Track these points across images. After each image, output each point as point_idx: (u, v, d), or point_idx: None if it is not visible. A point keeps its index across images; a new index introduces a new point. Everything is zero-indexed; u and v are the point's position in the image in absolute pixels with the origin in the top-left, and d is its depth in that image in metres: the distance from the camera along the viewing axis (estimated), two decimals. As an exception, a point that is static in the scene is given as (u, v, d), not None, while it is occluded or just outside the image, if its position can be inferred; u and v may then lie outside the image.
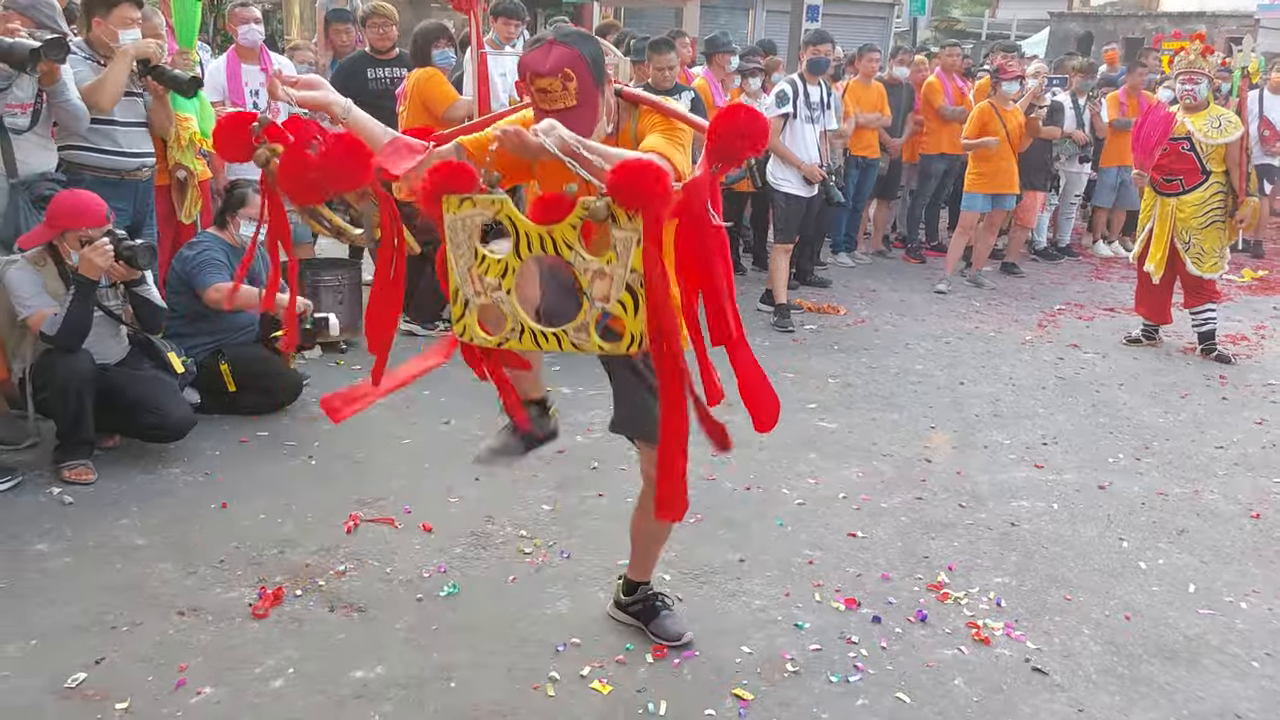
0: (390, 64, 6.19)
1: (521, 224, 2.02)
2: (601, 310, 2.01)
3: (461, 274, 2.10)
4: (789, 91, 6.46)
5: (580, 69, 2.19)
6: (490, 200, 2.04)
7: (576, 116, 2.19)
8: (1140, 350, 6.44)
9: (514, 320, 2.10)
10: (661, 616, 2.96)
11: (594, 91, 2.23)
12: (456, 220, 2.06)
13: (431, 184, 2.07)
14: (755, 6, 21.88)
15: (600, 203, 1.93)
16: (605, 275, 1.98)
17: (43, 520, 3.52)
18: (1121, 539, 3.77)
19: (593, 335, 2.04)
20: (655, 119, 2.39)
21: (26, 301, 3.78)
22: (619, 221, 1.93)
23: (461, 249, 2.08)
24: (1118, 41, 19.06)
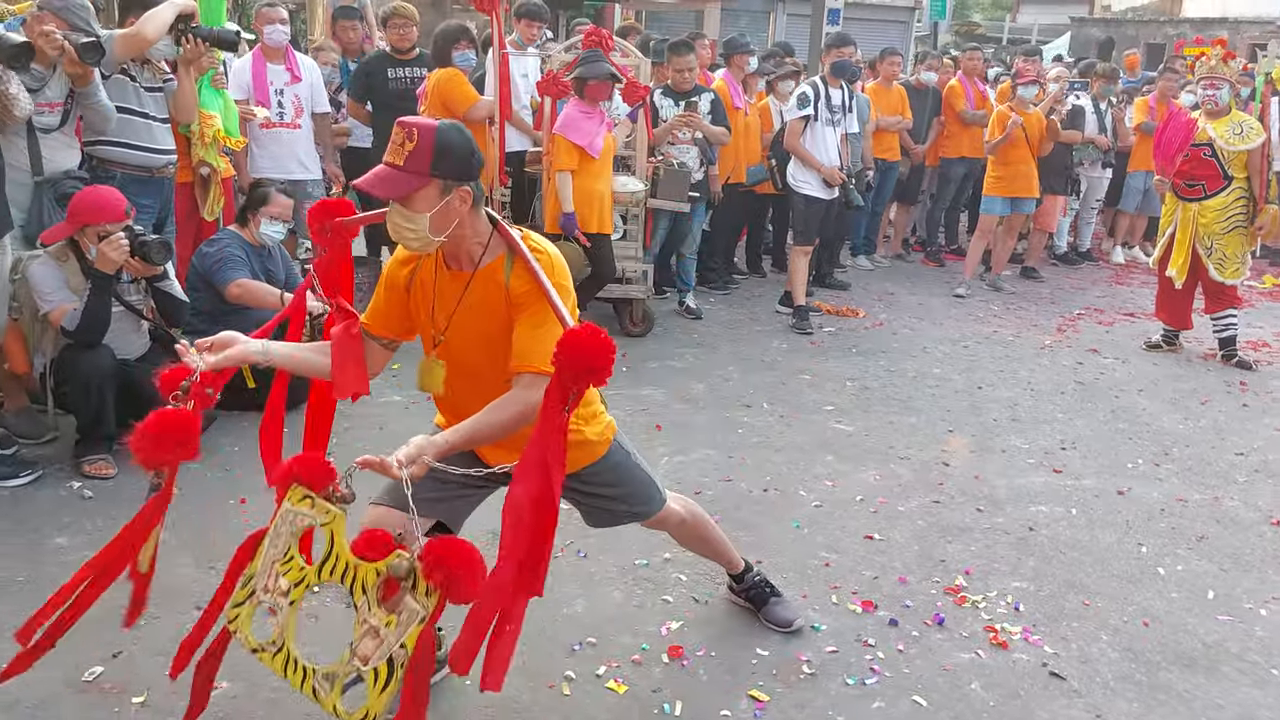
0: (410, 64, 6.21)
1: (338, 547, 2.01)
2: (356, 670, 1.95)
3: (265, 564, 2.09)
4: (810, 94, 6.44)
5: (425, 139, 2.11)
6: (327, 509, 2.05)
7: (393, 177, 2.14)
8: (1160, 356, 6.39)
9: (279, 634, 2.06)
10: (771, 604, 3.07)
11: (422, 171, 2.12)
12: (290, 512, 2.08)
13: (289, 470, 2.12)
14: (776, 9, 21.87)
15: (404, 562, 1.90)
16: (378, 637, 1.91)
17: (62, 514, 3.55)
18: (1140, 545, 3.75)
19: (335, 691, 1.97)
20: (531, 295, 2.21)
21: (48, 296, 3.81)
22: (416, 590, 1.89)
23: (280, 539, 2.08)
24: (1139, 47, 18.95)
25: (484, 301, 2.29)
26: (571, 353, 1.94)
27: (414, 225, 2.18)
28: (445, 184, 2.16)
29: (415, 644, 1.88)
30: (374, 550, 1.96)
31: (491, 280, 2.28)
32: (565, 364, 1.95)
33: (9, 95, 3.57)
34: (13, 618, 2.89)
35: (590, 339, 1.94)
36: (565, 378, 1.95)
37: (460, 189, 2.18)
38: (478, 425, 2.19)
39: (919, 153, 8.46)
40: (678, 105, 6.41)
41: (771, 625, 3.04)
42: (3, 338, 3.94)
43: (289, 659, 2.03)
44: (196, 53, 4.53)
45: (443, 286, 2.35)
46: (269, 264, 4.70)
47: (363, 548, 1.97)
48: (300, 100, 5.68)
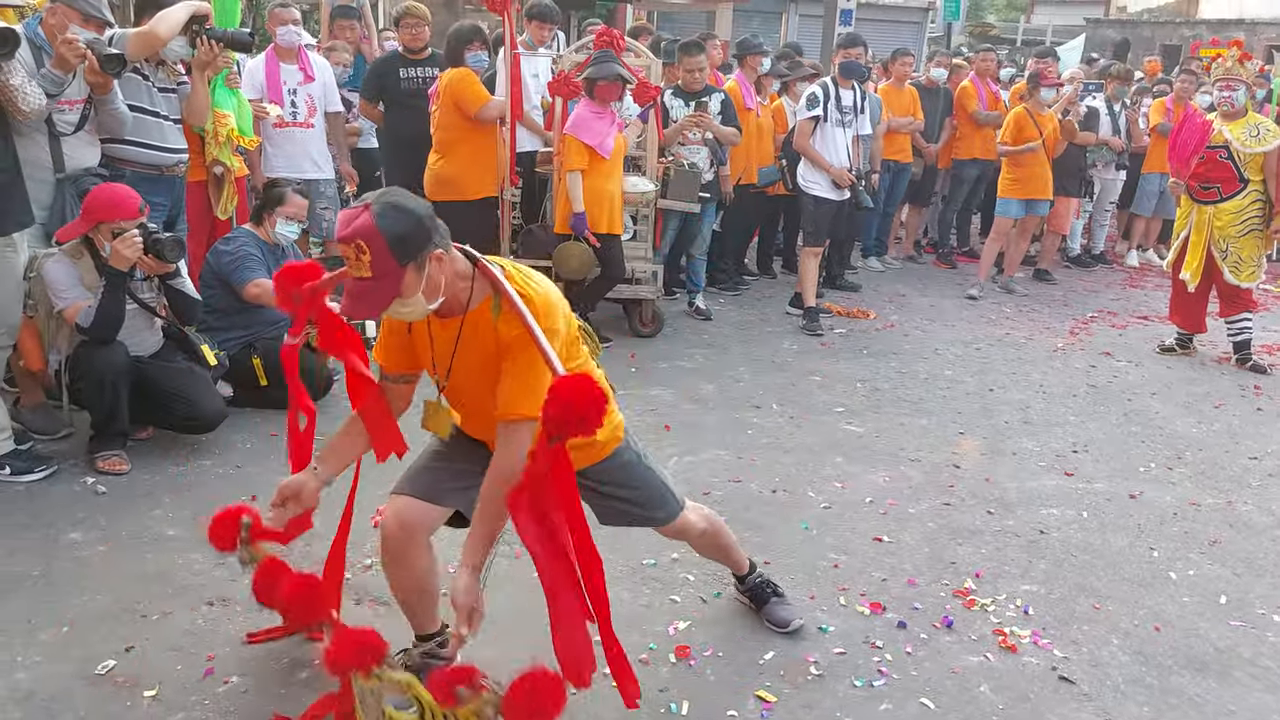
0: (423, 64, 6.24)
1: (427, 702, 2.12)
2: None
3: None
4: (820, 95, 6.44)
5: (375, 243, 2.05)
6: (396, 679, 2.16)
7: (371, 289, 2.11)
8: (1174, 359, 6.36)
9: None
10: (772, 603, 3.08)
11: (394, 268, 2.08)
12: (366, 690, 2.18)
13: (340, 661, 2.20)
14: (788, 10, 21.86)
15: (490, 710, 2.04)
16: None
17: (77, 509, 3.58)
18: (1152, 549, 3.73)
19: None
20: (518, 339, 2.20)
21: (62, 293, 3.84)
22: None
23: (370, 712, 2.21)
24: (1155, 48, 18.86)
25: (477, 342, 2.30)
26: (562, 403, 1.95)
27: (411, 307, 2.18)
28: (418, 263, 2.13)
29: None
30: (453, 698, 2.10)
31: (481, 321, 2.27)
32: (555, 413, 1.96)
33: (11, 87, 3.59)
34: (28, 613, 2.93)
35: (580, 389, 1.95)
36: (551, 428, 1.98)
37: (431, 254, 2.14)
38: (484, 513, 2.28)
39: (931, 153, 8.44)
40: (688, 106, 6.41)
41: (771, 624, 3.04)
42: (18, 335, 3.97)
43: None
44: (211, 55, 4.55)
45: (436, 333, 2.36)
46: (283, 262, 4.71)
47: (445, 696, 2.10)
48: (313, 100, 5.71)
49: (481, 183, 5.89)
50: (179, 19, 4.33)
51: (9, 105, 3.64)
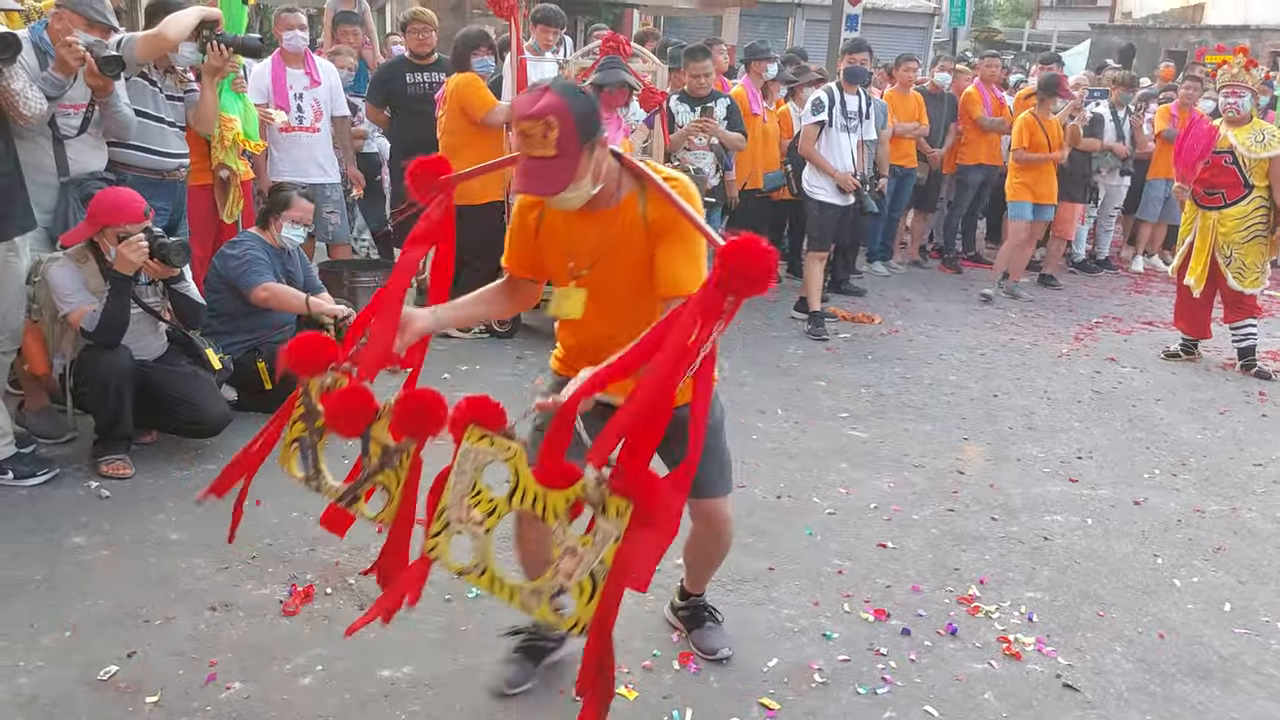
0: (429, 69, 6.25)
1: (524, 477, 2.07)
2: (560, 585, 2.03)
3: (454, 498, 2.15)
4: (825, 100, 6.44)
5: (565, 120, 2.13)
6: (506, 446, 2.11)
7: (553, 167, 2.17)
8: (1179, 365, 6.35)
9: (480, 560, 2.14)
10: (705, 629, 2.97)
11: (576, 147, 2.16)
12: (471, 450, 2.13)
13: (464, 412, 2.14)
14: (794, 15, 21.86)
15: (597, 491, 1.97)
16: (576, 555, 2.00)
17: (80, 514, 3.58)
18: (1156, 556, 3.72)
19: (544, 605, 2.07)
20: (667, 218, 2.27)
21: (67, 298, 3.84)
22: (607, 512, 1.96)
23: (465, 475, 2.15)
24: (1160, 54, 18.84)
25: (624, 236, 2.33)
26: (737, 257, 1.92)
27: (579, 192, 2.24)
28: (591, 145, 2.21)
29: (613, 560, 1.97)
30: (559, 480, 2.01)
31: (628, 214, 2.33)
32: (730, 269, 1.93)
33: (12, 91, 3.60)
34: (31, 617, 2.93)
35: (756, 246, 1.93)
36: (728, 282, 1.94)
37: (600, 140, 2.23)
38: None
39: (936, 158, 8.43)
40: (694, 111, 6.41)
41: (699, 650, 2.93)
42: (22, 339, 3.97)
43: (494, 579, 2.12)
44: (222, 60, 4.56)
45: (576, 228, 2.37)
46: (289, 266, 4.73)
47: (548, 478, 2.02)
48: (319, 104, 5.73)
49: (487, 187, 5.90)
50: (188, 22, 4.34)
51: (10, 110, 3.65)
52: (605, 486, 1.96)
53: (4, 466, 3.75)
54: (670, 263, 2.28)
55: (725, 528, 2.80)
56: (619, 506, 1.95)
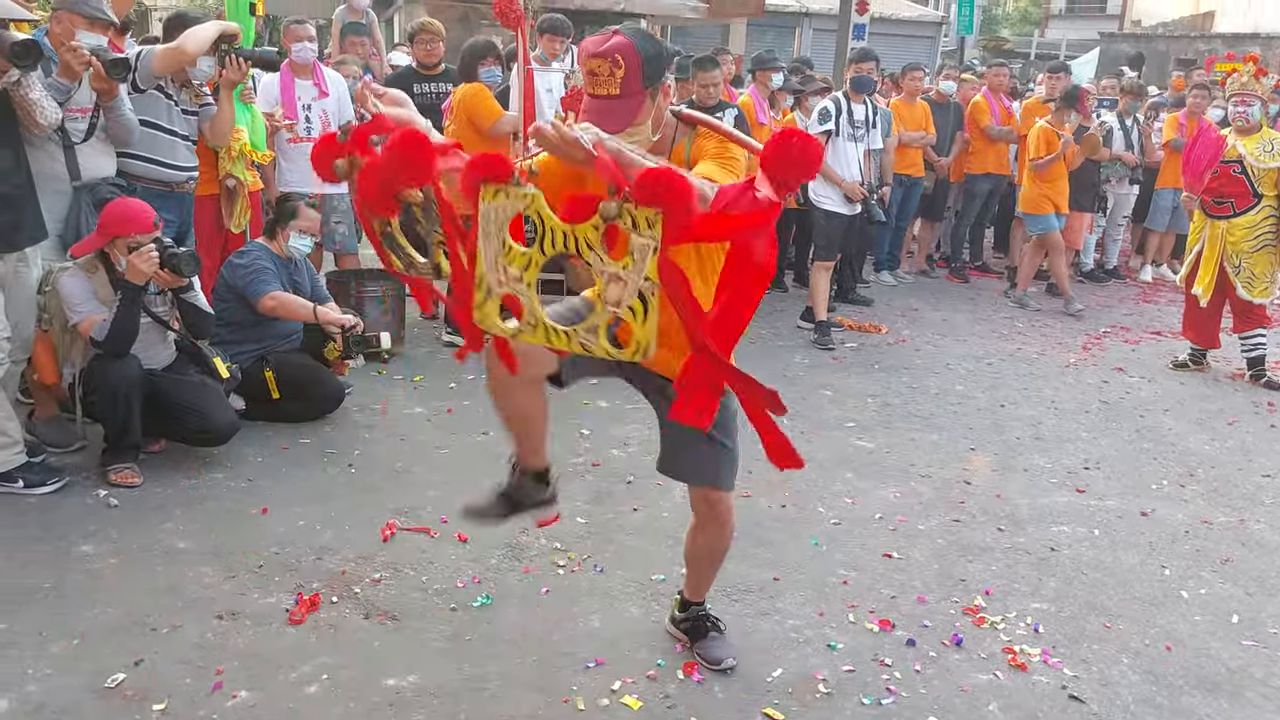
0: (436, 79, 6.28)
1: (549, 220, 2.02)
2: (614, 315, 2.00)
3: (489, 262, 2.11)
4: (831, 109, 6.46)
5: (631, 60, 2.20)
6: (523, 193, 2.05)
7: (616, 107, 2.23)
8: (1187, 375, 6.33)
9: (530, 314, 2.10)
10: (709, 639, 2.96)
11: (639, 89, 2.23)
12: (490, 209, 2.08)
13: (471, 172, 2.09)
14: (801, 25, 21.90)
15: (613, 203, 1.92)
16: (620, 280, 1.97)
17: (89, 522, 3.60)
18: (1163, 567, 3.71)
19: (601, 338, 2.03)
20: (710, 143, 2.38)
21: (77, 307, 3.87)
22: (639, 227, 1.92)
23: (491, 238, 2.10)
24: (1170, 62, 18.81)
25: None
26: (781, 145, 1.93)
27: (638, 136, 2.27)
28: (653, 90, 2.27)
29: (659, 272, 1.93)
30: (583, 211, 1.97)
31: (678, 159, 2.35)
32: (775, 155, 1.94)
33: (30, 101, 3.62)
34: (40, 625, 2.94)
35: (800, 138, 1.94)
36: (773, 168, 1.94)
37: (662, 87, 2.29)
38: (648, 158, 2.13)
39: (943, 166, 8.43)
40: (701, 120, 6.42)
41: (704, 660, 2.92)
42: (33, 348, 4.00)
43: (547, 329, 2.08)
44: (240, 74, 4.60)
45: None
46: (296, 276, 4.75)
47: (571, 212, 1.98)
48: (327, 115, 5.75)
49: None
50: (207, 36, 4.38)
51: (26, 119, 3.68)
52: (629, 202, 1.91)
53: (14, 475, 3.77)
54: (704, 168, 2.29)
55: (729, 516, 2.80)
56: (648, 217, 1.91)
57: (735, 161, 2.34)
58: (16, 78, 3.52)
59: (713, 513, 2.79)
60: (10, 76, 3.50)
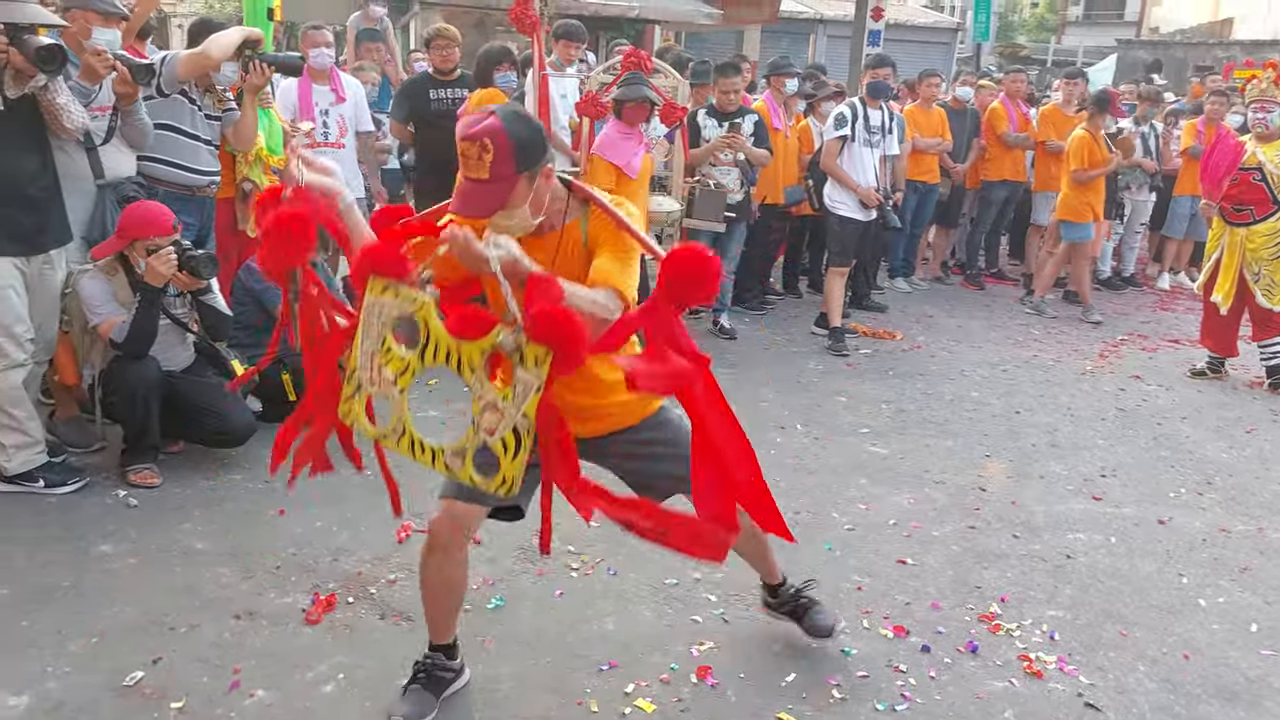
0: (452, 85, 6.31)
1: (434, 330, 1.97)
2: (483, 442, 1.96)
3: (364, 358, 2.07)
4: (848, 114, 6.46)
5: (500, 144, 2.11)
6: (413, 296, 2.00)
7: (484, 191, 2.15)
8: (1205, 383, 6.29)
9: (398, 421, 2.05)
10: (812, 614, 3.05)
11: (510, 173, 2.14)
12: (376, 304, 2.04)
13: (364, 262, 2.08)
14: (816, 31, 21.89)
15: (513, 339, 1.88)
16: (497, 410, 1.92)
17: (108, 522, 3.63)
18: (1181, 575, 3.69)
19: (468, 464, 1.98)
20: (608, 230, 2.30)
21: (97, 309, 3.90)
22: (525, 363, 1.88)
23: (371, 333, 2.05)
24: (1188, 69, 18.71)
25: (568, 259, 2.35)
26: (680, 265, 1.93)
27: (515, 219, 2.23)
28: (531, 174, 2.20)
29: (536, 411, 1.90)
30: (473, 329, 1.94)
31: (572, 236, 2.35)
32: (674, 276, 1.93)
33: (58, 105, 3.66)
34: (59, 624, 2.97)
35: (697, 255, 1.94)
36: (673, 290, 1.95)
37: (543, 169, 2.23)
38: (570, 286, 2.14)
39: (959, 173, 8.41)
40: (721, 126, 6.44)
41: (814, 634, 3.02)
42: (54, 350, 4.04)
43: (414, 442, 2.04)
44: (264, 79, 4.63)
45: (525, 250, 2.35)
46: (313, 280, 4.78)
47: (460, 328, 1.95)
48: (344, 120, 5.80)
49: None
50: (231, 41, 4.41)
51: (54, 123, 3.71)
52: (521, 334, 1.86)
53: (35, 474, 3.81)
54: (603, 264, 2.27)
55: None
56: (537, 354, 1.85)
57: (632, 256, 2.27)
58: (44, 82, 3.55)
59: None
60: (37, 81, 3.54)
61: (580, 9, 10.28)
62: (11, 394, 3.74)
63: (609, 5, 13.34)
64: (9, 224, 3.64)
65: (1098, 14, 30.08)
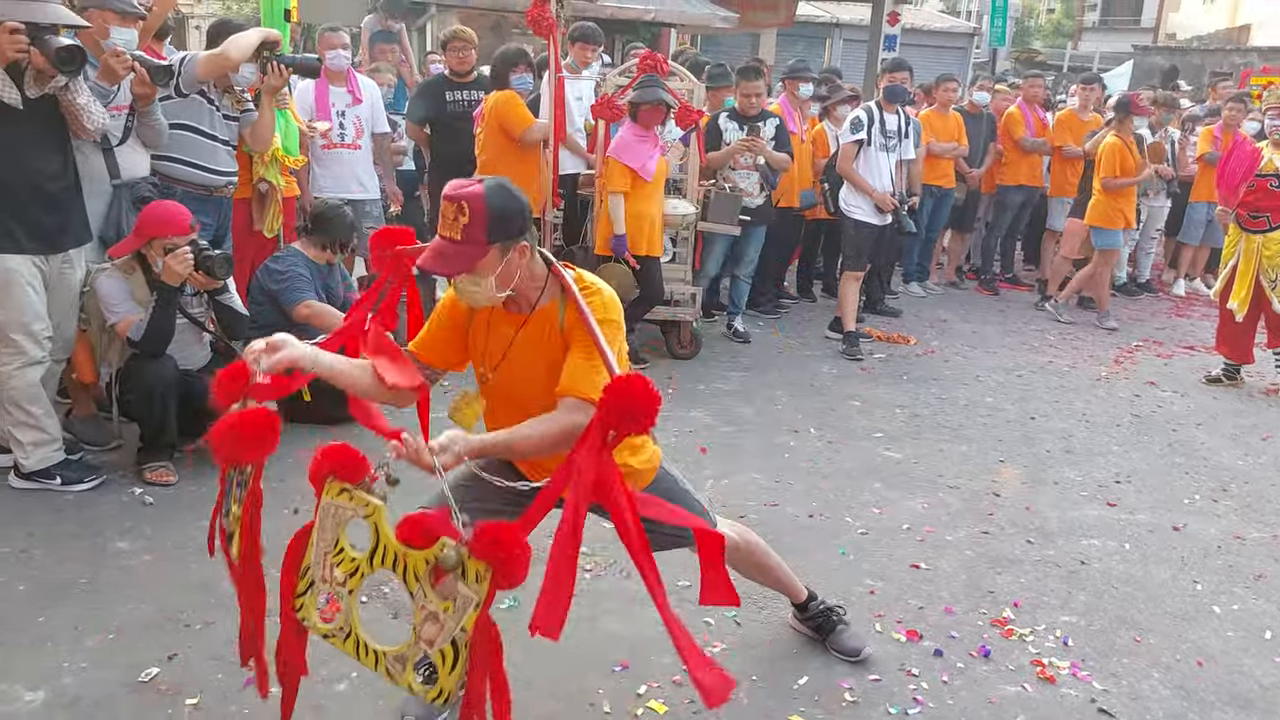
0: (468, 87, 6.33)
1: (384, 535, 2.02)
2: (423, 651, 1.98)
3: (317, 555, 2.11)
4: (863, 119, 6.46)
5: (476, 210, 2.16)
6: (366, 501, 2.06)
7: (453, 251, 2.20)
8: (1220, 390, 6.26)
9: (345, 621, 2.09)
10: (838, 631, 3.05)
11: (481, 240, 2.18)
12: (330, 505, 2.09)
13: (322, 463, 2.12)
14: (832, 35, 21.88)
15: (453, 553, 1.90)
16: (438, 621, 1.94)
17: (124, 519, 3.66)
18: (1195, 582, 3.67)
19: (408, 671, 2.01)
20: (580, 331, 2.27)
21: (114, 308, 3.94)
22: (467, 577, 1.90)
23: (326, 533, 2.10)
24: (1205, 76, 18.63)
25: (538, 340, 2.36)
26: (618, 398, 1.96)
27: (480, 288, 2.26)
28: (504, 246, 2.22)
29: (473, 627, 1.91)
30: (418, 538, 1.97)
31: (547, 321, 2.35)
32: (610, 409, 1.96)
33: (78, 106, 3.69)
34: (76, 619, 2.99)
35: (639, 388, 1.95)
36: (609, 421, 1.97)
37: (518, 246, 2.25)
38: (516, 434, 2.23)
39: (975, 177, 8.39)
40: (741, 129, 6.45)
41: (838, 653, 3.02)
42: (72, 349, 4.07)
43: (359, 643, 2.07)
44: (282, 80, 4.66)
45: (496, 325, 2.42)
46: (330, 281, 4.81)
47: (407, 534, 1.98)
48: (361, 121, 5.82)
49: (530, 202, 5.97)
50: (250, 43, 4.45)
51: (74, 124, 3.74)
52: (464, 549, 1.90)
53: (53, 472, 3.84)
54: (574, 364, 2.27)
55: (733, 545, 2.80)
56: (478, 570, 1.89)
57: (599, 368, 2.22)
58: (64, 82, 3.58)
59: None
60: (57, 81, 3.57)
61: (596, 11, 10.29)
62: (29, 391, 3.77)
63: (625, 8, 13.35)
64: (30, 223, 3.68)
65: (1114, 19, 29.98)
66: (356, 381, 2.42)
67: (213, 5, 24.82)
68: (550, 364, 2.33)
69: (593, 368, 2.24)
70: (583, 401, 2.21)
